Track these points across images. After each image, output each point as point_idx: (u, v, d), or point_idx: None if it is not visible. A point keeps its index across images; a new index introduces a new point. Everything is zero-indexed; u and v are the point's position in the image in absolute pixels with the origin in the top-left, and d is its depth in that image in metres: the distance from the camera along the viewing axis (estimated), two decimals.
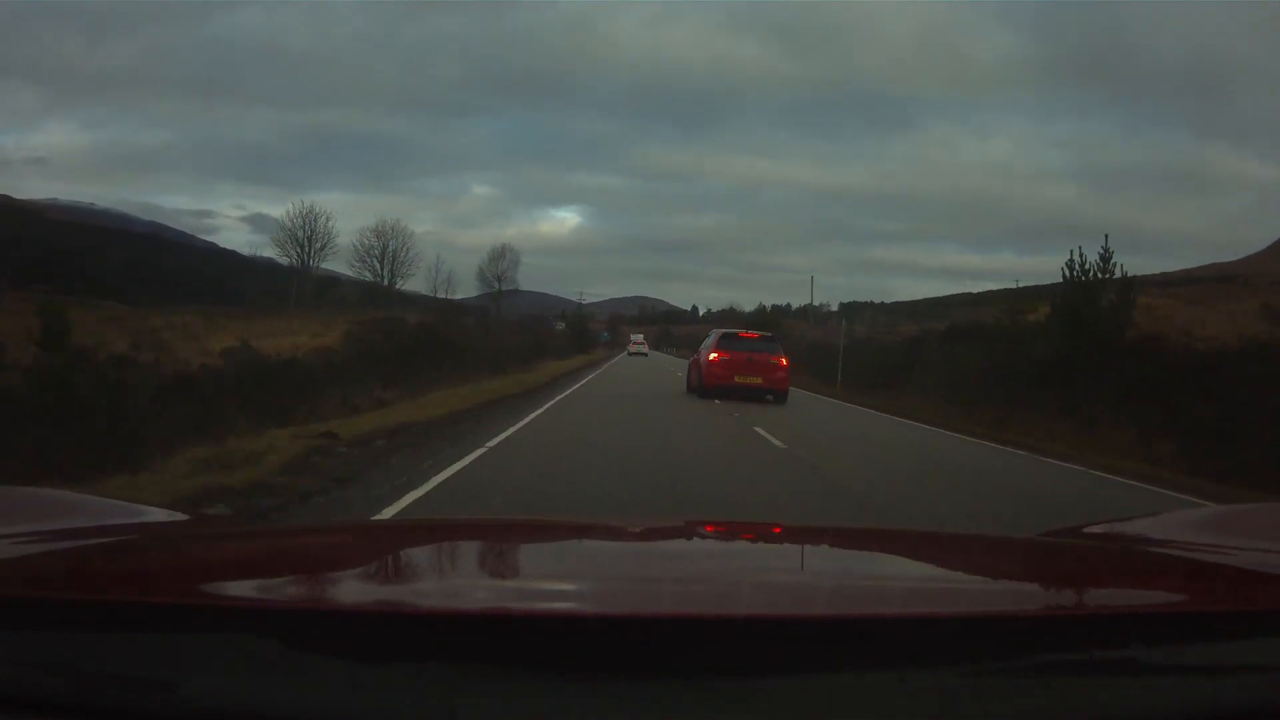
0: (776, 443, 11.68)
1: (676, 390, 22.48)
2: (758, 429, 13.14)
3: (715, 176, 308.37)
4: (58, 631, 0.97)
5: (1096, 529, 1.85)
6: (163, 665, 0.93)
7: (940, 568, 1.64)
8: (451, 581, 1.39)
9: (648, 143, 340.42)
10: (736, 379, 19.12)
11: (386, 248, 50.47)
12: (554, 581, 1.39)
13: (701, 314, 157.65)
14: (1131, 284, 18.22)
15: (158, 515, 1.80)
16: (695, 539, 1.89)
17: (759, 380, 19.26)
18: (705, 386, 19.58)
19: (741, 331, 22.84)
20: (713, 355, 19.83)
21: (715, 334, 21.61)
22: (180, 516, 1.86)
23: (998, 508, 7.88)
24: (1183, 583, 1.32)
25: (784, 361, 19.93)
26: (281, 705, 0.90)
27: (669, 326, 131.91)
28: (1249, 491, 9.48)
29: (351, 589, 1.29)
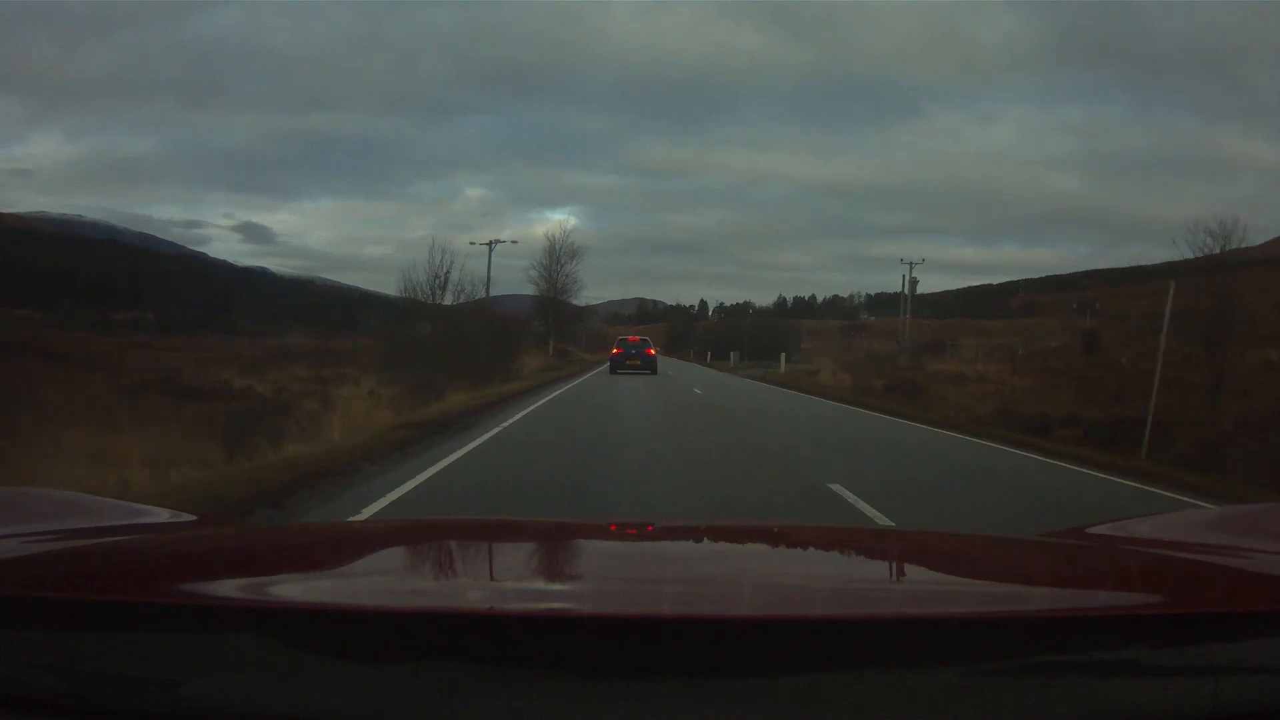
0: None
1: None
2: None
3: (713, 172, 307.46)
4: (58, 631, 0.97)
5: (1097, 529, 1.85)
6: (163, 665, 0.94)
7: (940, 568, 1.65)
8: (451, 581, 1.39)
9: (643, 139, 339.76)
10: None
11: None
12: (554, 582, 1.39)
13: (711, 311, 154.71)
14: None
15: (159, 515, 1.80)
16: (695, 539, 1.89)
17: None
18: None
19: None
20: None
21: None
22: (181, 517, 1.86)
23: None
24: (1183, 583, 1.32)
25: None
26: (281, 705, 0.90)
27: (689, 323, 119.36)
28: None
29: (351, 589, 1.30)
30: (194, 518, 1.89)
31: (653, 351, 38.57)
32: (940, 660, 0.94)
